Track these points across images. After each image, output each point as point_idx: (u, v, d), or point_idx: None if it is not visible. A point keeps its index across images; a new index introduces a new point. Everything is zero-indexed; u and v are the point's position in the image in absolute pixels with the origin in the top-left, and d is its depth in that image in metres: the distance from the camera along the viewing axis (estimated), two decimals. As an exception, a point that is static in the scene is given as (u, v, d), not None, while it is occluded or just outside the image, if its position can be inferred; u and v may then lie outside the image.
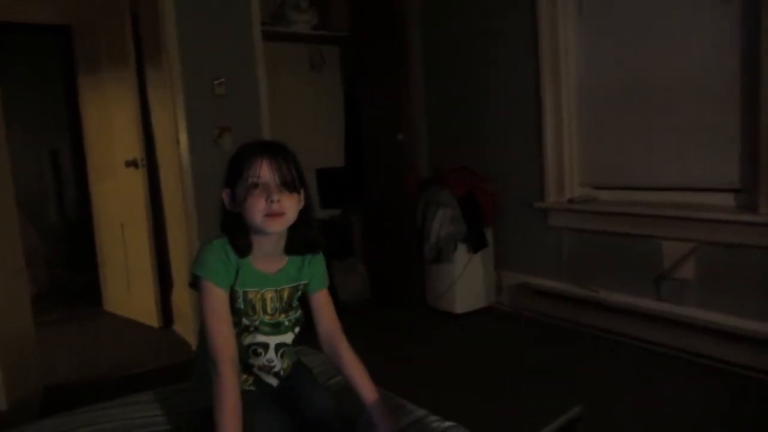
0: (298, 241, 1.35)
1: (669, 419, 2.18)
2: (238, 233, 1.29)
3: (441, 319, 3.58)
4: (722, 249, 2.61)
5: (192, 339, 3.26)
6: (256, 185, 1.24)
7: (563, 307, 3.26)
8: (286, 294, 1.37)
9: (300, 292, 1.41)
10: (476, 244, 3.55)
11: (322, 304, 1.44)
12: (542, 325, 3.34)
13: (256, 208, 1.24)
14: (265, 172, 1.24)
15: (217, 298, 1.26)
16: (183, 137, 3.14)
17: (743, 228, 2.51)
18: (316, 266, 1.42)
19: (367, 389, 1.37)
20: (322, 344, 1.46)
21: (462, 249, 3.56)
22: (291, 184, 1.27)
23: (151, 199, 3.60)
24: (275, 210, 1.24)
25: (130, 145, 3.58)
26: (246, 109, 3.33)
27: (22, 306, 2.48)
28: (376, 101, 4.03)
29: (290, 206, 1.27)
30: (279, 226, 1.27)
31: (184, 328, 3.42)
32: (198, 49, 3.15)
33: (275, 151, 1.28)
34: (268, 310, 1.35)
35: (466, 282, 3.58)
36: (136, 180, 3.57)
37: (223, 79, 3.22)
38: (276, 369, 1.40)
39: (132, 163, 3.55)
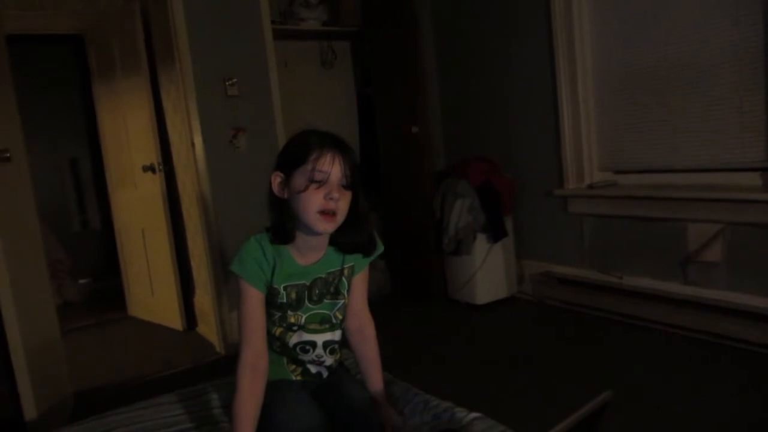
0: (344, 243, 1.33)
1: (700, 404, 2.13)
2: (282, 220, 1.25)
3: (463, 311, 3.56)
4: (750, 229, 2.55)
5: (216, 340, 3.28)
6: (319, 180, 1.20)
7: (587, 294, 3.21)
8: (331, 278, 1.35)
9: (345, 278, 1.38)
10: (496, 234, 3.51)
11: (358, 283, 1.42)
12: (567, 313, 3.30)
13: (313, 203, 1.20)
14: (333, 167, 1.21)
15: (251, 298, 1.27)
16: (198, 139, 3.15)
17: (771, 206, 2.45)
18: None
19: (377, 381, 1.43)
20: (347, 323, 1.44)
21: (482, 239, 3.52)
22: (351, 185, 1.24)
23: (169, 203, 3.62)
24: (331, 208, 1.21)
25: (146, 150, 3.60)
26: (259, 108, 3.33)
27: (48, 316, 2.50)
28: (389, 94, 4.01)
29: (344, 208, 1.24)
30: (330, 227, 1.24)
31: (208, 330, 3.44)
32: (209, 50, 3.16)
33: (346, 148, 1.25)
34: (314, 298, 1.34)
35: (487, 273, 3.55)
36: (155, 185, 3.59)
37: (235, 80, 3.22)
38: (327, 363, 1.41)
39: (149, 168, 3.57)
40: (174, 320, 3.72)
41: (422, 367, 2.70)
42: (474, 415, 1.36)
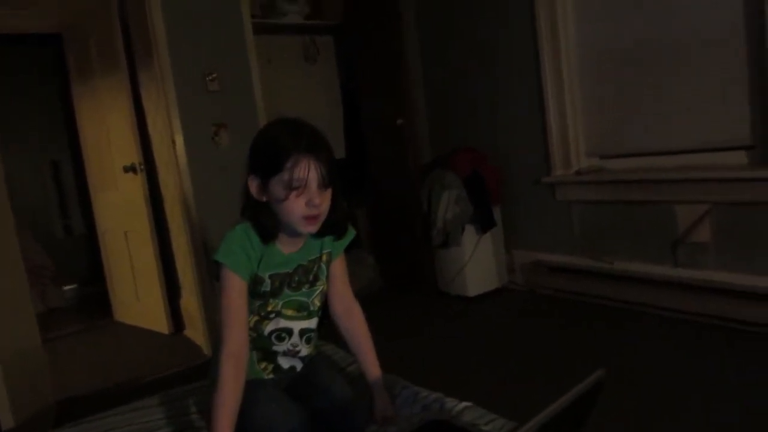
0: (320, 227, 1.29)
1: (694, 385, 2.11)
2: (265, 222, 1.22)
3: (455, 304, 3.52)
4: (738, 208, 2.53)
5: (204, 343, 3.22)
6: (298, 187, 1.16)
7: (578, 281, 3.19)
8: (311, 266, 1.34)
9: (324, 264, 1.36)
10: (484, 225, 3.48)
11: (337, 268, 1.40)
12: (559, 301, 3.28)
13: (295, 210, 1.17)
14: (310, 173, 1.16)
15: (235, 288, 1.22)
16: (179, 137, 3.08)
17: (758, 185, 2.43)
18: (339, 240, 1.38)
19: (371, 362, 1.39)
20: (334, 309, 1.42)
21: (470, 231, 3.49)
22: (330, 182, 1.20)
23: (152, 204, 3.55)
24: (313, 214, 1.18)
25: (127, 150, 3.53)
26: (241, 104, 3.27)
27: (27, 324, 2.44)
28: (373, 88, 3.96)
29: (326, 207, 1.22)
30: (315, 228, 1.22)
31: (195, 333, 3.37)
32: (188, 46, 3.09)
33: (320, 147, 1.19)
34: (293, 285, 1.31)
35: (477, 264, 3.51)
36: (136, 186, 3.52)
37: (215, 75, 3.16)
38: (302, 354, 1.37)
39: (130, 169, 3.50)
40: (160, 324, 3.65)
41: (414, 361, 2.66)
42: (464, 404, 1.33)
